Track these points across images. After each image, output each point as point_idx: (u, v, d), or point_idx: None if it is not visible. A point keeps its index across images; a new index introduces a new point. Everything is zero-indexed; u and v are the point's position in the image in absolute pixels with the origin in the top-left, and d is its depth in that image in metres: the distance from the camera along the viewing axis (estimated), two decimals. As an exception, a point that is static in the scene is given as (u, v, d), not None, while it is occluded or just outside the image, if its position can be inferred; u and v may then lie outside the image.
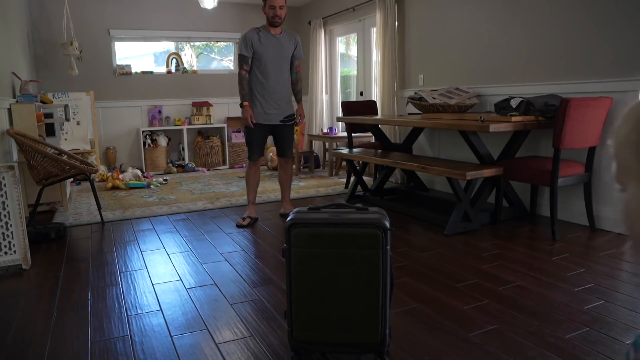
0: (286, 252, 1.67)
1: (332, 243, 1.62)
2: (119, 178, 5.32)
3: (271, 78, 3.57)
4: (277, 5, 3.45)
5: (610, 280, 2.41)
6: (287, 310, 1.70)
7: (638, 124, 0.55)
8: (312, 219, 1.66)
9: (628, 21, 3.04)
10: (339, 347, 1.70)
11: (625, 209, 0.55)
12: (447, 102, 3.92)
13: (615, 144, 0.57)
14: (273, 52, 3.55)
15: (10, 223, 2.73)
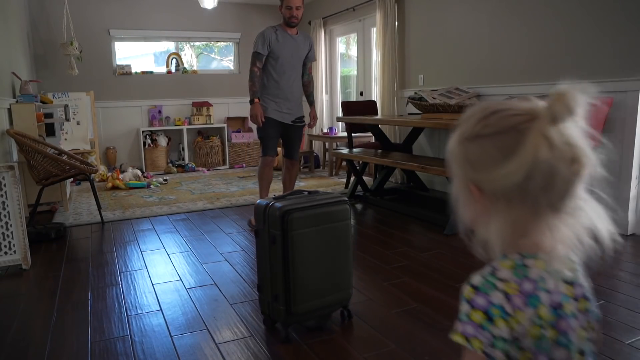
0: (279, 237, 1.82)
1: (320, 221, 1.89)
2: (119, 178, 5.32)
3: (286, 77, 3.52)
4: (294, 6, 3.39)
5: (610, 280, 2.41)
6: (282, 292, 1.86)
7: (456, 137, 0.69)
8: (300, 204, 1.86)
9: (628, 21, 3.04)
10: (326, 309, 1.96)
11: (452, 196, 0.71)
12: (447, 102, 3.92)
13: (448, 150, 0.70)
14: (289, 52, 3.50)
15: (10, 223, 2.73)
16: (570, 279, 0.70)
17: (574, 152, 0.63)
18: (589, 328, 0.70)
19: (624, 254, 2.80)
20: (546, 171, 0.61)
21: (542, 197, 0.63)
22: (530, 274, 0.65)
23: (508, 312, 0.63)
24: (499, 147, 0.63)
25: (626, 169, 3.14)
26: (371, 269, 2.67)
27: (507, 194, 0.63)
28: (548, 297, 0.66)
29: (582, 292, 0.73)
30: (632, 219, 3.16)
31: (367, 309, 2.16)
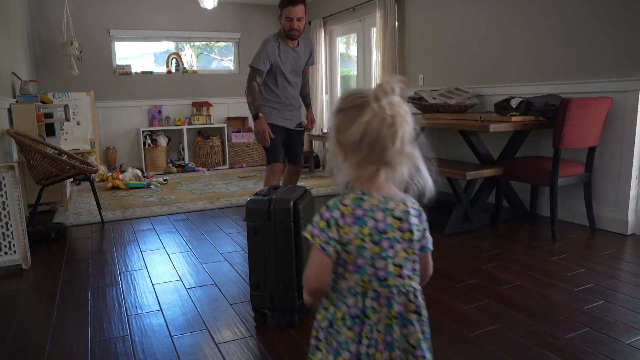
0: (291, 228, 1.93)
1: (312, 209, 2.08)
2: (119, 178, 5.32)
3: (286, 90, 3.39)
4: (294, 17, 3.14)
5: (610, 280, 2.41)
6: (295, 280, 1.96)
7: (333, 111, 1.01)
8: (295, 195, 2.01)
9: (628, 21, 3.04)
10: None
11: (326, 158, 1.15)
12: (447, 102, 3.92)
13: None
14: (290, 66, 3.34)
15: (10, 223, 2.73)
16: (399, 216, 0.98)
17: (392, 119, 0.90)
18: (411, 252, 0.99)
19: (624, 254, 2.80)
20: (373, 131, 0.91)
21: (372, 149, 0.92)
22: (363, 205, 0.96)
23: (340, 225, 0.95)
24: (349, 116, 0.94)
25: (626, 169, 3.14)
26: (371, 269, 2.67)
27: (352, 147, 0.94)
28: (374, 223, 0.96)
29: (409, 227, 0.99)
30: (632, 219, 3.16)
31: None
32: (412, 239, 0.99)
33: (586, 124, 3.02)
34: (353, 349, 0.98)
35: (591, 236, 3.16)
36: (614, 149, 3.20)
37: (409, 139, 0.94)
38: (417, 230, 1.01)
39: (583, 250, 2.88)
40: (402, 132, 0.92)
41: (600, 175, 3.30)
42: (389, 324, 0.98)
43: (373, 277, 0.97)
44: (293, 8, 3.13)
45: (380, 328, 0.98)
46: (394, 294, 0.98)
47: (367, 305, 0.97)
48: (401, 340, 0.99)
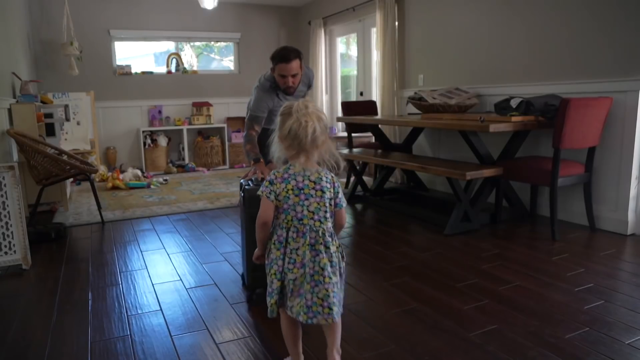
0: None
1: None
2: (119, 178, 5.32)
3: None
4: (288, 75, 2.79)
5: (610, 280, 2.41)
6: None
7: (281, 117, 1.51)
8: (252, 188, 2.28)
9: (628, 21, 3.04)
10: None
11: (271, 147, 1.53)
12: (447, 102, 3.92)
13: None
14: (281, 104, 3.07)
15: (10, 223, 2.73)
16: (313, 180, 1.49)
17: (305, 123, 1.42)
18: (322, 205, 1.49)
19: (624, 254, 2.80)
20: (293, 130, 1.43)
21: (294, 140, 1.44)
22: (289, 172, 1.48)
23: (274, 183, 1.48)
24: (283, 120, 1.48)
25: (626, 169, 3.14)
26: (371, 269, 2.67)
27: (284, 138, 1.47)
28: (295, 183, 1.47)
29: (320, 187, 1.49)
30: (632, 219, 3.16)
31: (367, 309, 2.16)
32: (323, 196, 1.49)
33: (586, 124, 3.02)
34: (279, 264, 1.49)
35: (591, 236, 3.16)
36: (614, 149, 3.20)
37: (318, 135, 1.45)
38: (327, 190, 1.50)
39: (583, 250, 2.88)
40: (312, 131, 1.43)
41: (600, 175, 3.30)
42: (304, 250, 1.47)
43: (294, 218, 1.48)
44: (286, 65, 2.75)
45: (299, 252, 1.48)
46: (307, 230, 1.48)
47: (289, 235, 1.49)
48: (311, 262, 1.46)
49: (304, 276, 1.47)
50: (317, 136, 1.44)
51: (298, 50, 2.83)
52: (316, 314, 1.46)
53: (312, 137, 1.43)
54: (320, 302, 1.45)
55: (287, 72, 2.78)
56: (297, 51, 2.81)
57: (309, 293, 1.46)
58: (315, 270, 1.46)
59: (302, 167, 1.48)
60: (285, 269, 1.48)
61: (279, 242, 1.50)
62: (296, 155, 1.47)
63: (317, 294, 1.46)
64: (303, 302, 1.46)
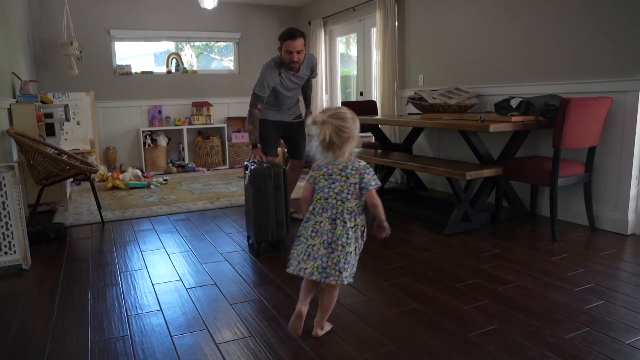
0: (282, 185, 2.93)
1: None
2: (119, 178, 5.32)
3: (283, 101, 3.50)
4: (294, 50, 3.20)
5: (610, 280, 2.41)
6: (284, 220, 2.99)
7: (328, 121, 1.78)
8: (282, 167, 2.97)
9: (628, 21, 3.04)
10: None
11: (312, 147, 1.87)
12: (447, 102, 3.92)
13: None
14: (290, 86, 3.44)
15: (10, 223, 2.73)
16: (340, 168, 1.81)
17: (322, 131, 1.75)
18: (345, 187, 1.80)
19: (624, 254, 2.80)
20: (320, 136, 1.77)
21: (321, 143, 1.79)
22: (323, 162, 1.84)
23: (314, 169, 1.87)
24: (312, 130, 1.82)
25: (626, 169, 3.14)
26: (371, 269, 2.67)
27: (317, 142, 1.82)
28: (326, 170, 1.83)
29: (345, 174, 1.81)
30: (632, 219, 3.16)
31: (367, 309, 2.16)
32: (347, 181, 1.81)
33: (586, 124, 3.02)
34: (309, 232, 1.84)
35: (591, 236, 3.16)
36: (614, 149, 3.20)
37: (334, 140, 1.78)
38: (351, 176, 1.81)
39: (583, 250, 2.88)
40: (325, 137, 1.76)
41: (600, 175, 3.30)
42: (325, 223, 1.81)
43: (322, 197, 1.84)
44: (292, 42, 3.20)
45: (321, 224, 1.82)
46: (329, 207, 1.82)
47: (316, 210, 1.85)
48: (330, 233, 1.80)
49: (322, 243, 1.80)
50: (332, 140, 1.78)
51: (302, 31, 3.26)
52: (329, 275, 1.78)
53: (328, 141, 1.77)
54: (333, 265, 1.78)
55: (293, 49, 3.21)
56: (302, 31, 3.25)
57: (325, 257, 1.79)
58: (332, 239, 1.79)
59: (331, 159, 1.83)
60: (308, 235, 1.84)
61: (311, 214, 1.86)
62: (325, 151, 1.83)
63: (331, 259, 1.78)
64: (318, 264, 1.79)
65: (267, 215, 2.89)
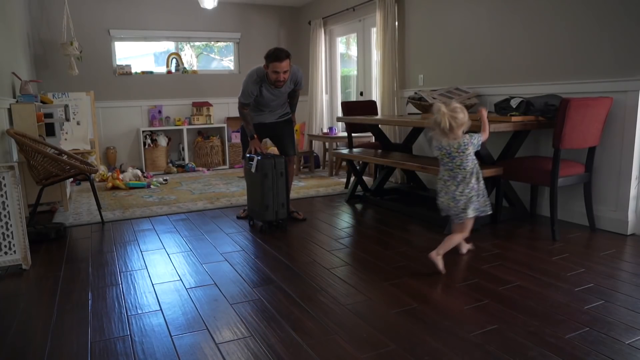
0: (284, 173, 3.45)
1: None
2: (119, 178, 5.32)
3: (269, 105, 3.65)
4: (281, 71, 3.35)
5: (610, 280, 2.41)
6: (285, 201, 3.51)
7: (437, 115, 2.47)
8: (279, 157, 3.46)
9: (628, 21, 3.04)
10: None
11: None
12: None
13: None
14: (270, 99, 3.58)
15: (10, 223, 2.73)
16: (456, 147, 2.46)
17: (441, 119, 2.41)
18: (464, 159, 2.48)
19: (624, 254, 2.80)
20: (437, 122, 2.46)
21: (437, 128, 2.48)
22: (442, 143, 2.51)
23: (437, 150, 2.56)
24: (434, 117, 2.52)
25: (626, 169, 3.14)
26: (371, 269, 2.67)
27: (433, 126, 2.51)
28: (446, 150, 2.51)
29: (462, 149, 2.46)
30: (632, 219, 3.16)
31: (367, 309, 2.16)
32: (464, 154, 2.47)
33: (586, 124, 3.02)
34: (441, 194, 2.57)
35: (591, 236, 3.16)
36: (614, 149, 3.20)
37: (453, 127, 2.40)
38: (465, 149, 2.46)
39: (583, 250, 2.88)
40: (445, 123, 2.39)
41: (600, 175, 3.30)
42: (454, 187, 2.52)
43: (446, 165, 2.52)
44: (280, 63, 3.32)
45: (450, 186, 2.53)
46: (456, 174, 2.51)
47: (443, 175, 2.55)
48: (458, 192, 2.51)
49: (450, 199, 2.55)
50: (451, 126, 2.40)
51: (288, 51, 3.40)
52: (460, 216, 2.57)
53: (447, 127, 2.40)
54: (462, 209, 2.54)
55: (280, 69, 3.35)
56: (288, 52, 3.38)
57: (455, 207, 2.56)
58: (457, 197, 2.53)
59: (449, 140, 2.46)
60: (443, 193, 2.58)
61: (439, 180, 2.60)
62: (444, 135, 2.45)
63: (460, 207, 2.54)
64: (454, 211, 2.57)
65: (273, 198, 3.37)
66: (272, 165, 3.34)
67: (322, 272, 2.64)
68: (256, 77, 3.46)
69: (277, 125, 3.72)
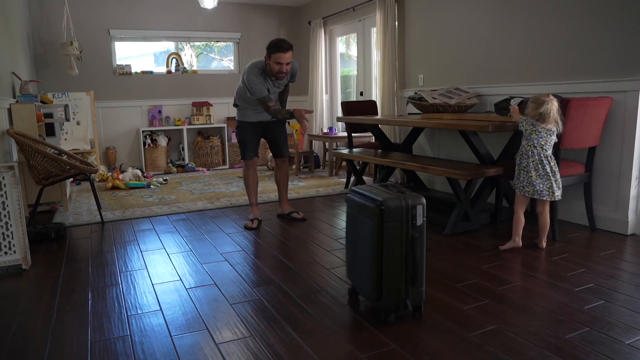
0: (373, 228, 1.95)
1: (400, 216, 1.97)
2: (119, 178, 5.32)
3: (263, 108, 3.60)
4: (284, 62, 3.29)
5: (610, 280, 2.41)
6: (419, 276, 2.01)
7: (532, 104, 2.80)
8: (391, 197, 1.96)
9: (628, 21, 3.04)
10: None
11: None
12: (447, 102, 3.92)
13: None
14: (273, 90, 3.53)
15: (10, 223, 2.73)
16: (549, 129, 2.76)
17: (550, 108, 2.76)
18: (549, 136, 2.77)
19: (624, 254, 2.80)
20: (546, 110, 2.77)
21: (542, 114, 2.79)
22: (539, 127, 2.77)
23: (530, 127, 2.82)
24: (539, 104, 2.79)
25: (626, 169, 3.14)
26: (371, 269, 2.67)
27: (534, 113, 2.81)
28: (544, 133, 2.77)
29: (552, 132, 2.77)
30: (632, 219, 3.16)
31: (367, 309, 2.16)
32: (550, 134, 2.74)
33: (586, 124, 3.02)
34: (524, 171, 2.84)
35: (591, 236, 3.16)
36: (614, 149, 3.20)
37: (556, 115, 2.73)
38: (553, 134, 2.76)
39: (583, 250, 2.88)
40: (554, 112, 2.73)
41: (600, 175, 3.30)
42: (539, 165, 2.78)
43: (535, 147, 2.78)
44: (283, 54, 3.26)
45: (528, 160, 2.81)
46: (541, 156, 2.77)
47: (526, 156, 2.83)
48: (543, 170, 2.78)
49: (538, 176, 2.79)
50: (553, 116, 2.73)
51: (290, 43, 3.32)
52: (545, 194, 2.79)
53: (555, 114, 2.73)
54: (548, 189, 2.79)
55: (283, 60, 3.27)
56: (290, 43, 3.31)
57: (540, 184, 2.79)
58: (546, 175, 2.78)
59: (542, 123, 2.73)
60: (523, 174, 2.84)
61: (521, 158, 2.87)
62: (540, 119, 2.73)
63: (545, 185, 2.78)
64: (538, 189, 2.79)
65: (405, 272, 1.98)
66: (405, 210, 1.94)
67: (322, 272, 2.64)
68: (257, 69, 3.37)
69: (272, 125, 3.68)
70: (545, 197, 2.79)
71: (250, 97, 3.46)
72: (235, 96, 3.64)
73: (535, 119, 2.72)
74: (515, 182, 2.90)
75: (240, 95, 3.59)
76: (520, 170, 2.84)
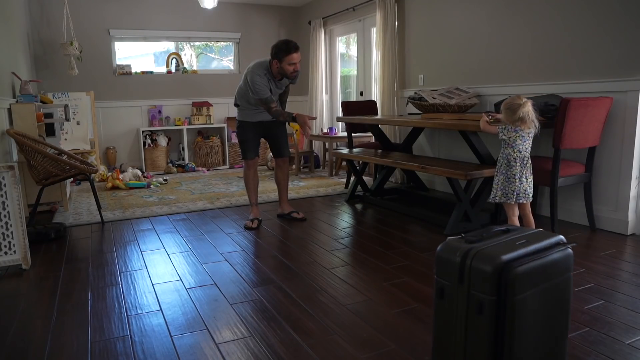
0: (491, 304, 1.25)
1: (544, 278, 1.32)
2: (119, 178, 5.32)
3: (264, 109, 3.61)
4: (297, 62, 3.35)
5: (610, 280, 2.41)
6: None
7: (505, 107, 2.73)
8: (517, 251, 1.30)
9: (628, 21, 3.04)
10: None
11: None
12: (447, 102, 3.92)
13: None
14: (276, 91, 3.56)
15: (10, 223, 2.73)
16: (529, 130, 2.71)
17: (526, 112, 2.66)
18: (529, 139, 2.73)
19: (624, 254, 2.80)
20: (523, 114, 2.66)
21: (516, 118, 2.68)
22: (518, 130, 2.71)
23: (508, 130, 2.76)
24: (514, 109, 2.69)
25: (626, 169, 3.14)
26: (371, 269, 2.67)
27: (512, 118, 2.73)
28: (520, 134, 2.72)
29: (529, 133, 2.71)
30: (632, 219, 3.16)
31: (367, 309, 2.16)
32: (530, 136, 2.69)
33: (586, 124, 3.02)
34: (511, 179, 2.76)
35: (591, 236, 3.16)
36: (614, 149, 3.20)
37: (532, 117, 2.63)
38: (531, 135, 2.71)
39: (583, 250, 2.88)
40: (528, 115, 2.63)
41: (600, 175, 3.30)
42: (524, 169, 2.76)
43: (520, 151, 2.72)
44: (296, 54, 3.34)
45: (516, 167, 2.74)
46: (524, 161, 2.73)
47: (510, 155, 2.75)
48: (520, 173, 2.74)
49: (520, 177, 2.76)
50: (531, 118, 2.64)
51: (294, 41, 3.41)
52: (521, 197, 2.78)
53: (532, 115, 2.63)
54: (530, 189, 2.80)
55: (295, 60, 3.34)
56: (295, 42, 3.39)
57: (527, 186, 2.78)
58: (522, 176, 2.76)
59: (522, 127, 2.66)
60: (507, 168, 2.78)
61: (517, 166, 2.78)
62: (520, 123, 2.65)
63: (529, 185, 2.78)
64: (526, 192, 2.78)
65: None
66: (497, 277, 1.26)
67: (322, 272, 2.64)
68: (262, 70, 3.40)
69: (272, 125, 3.68)
70: (530, 199, 2.79)
71: (252, 97, 3.47)
72: (236, 96, 3.64)
73: (515, 124, 2.64)
74: (498, 195, 2.79)
75: (241, 95, 3.58)
76: (506, 179, 2.75)
